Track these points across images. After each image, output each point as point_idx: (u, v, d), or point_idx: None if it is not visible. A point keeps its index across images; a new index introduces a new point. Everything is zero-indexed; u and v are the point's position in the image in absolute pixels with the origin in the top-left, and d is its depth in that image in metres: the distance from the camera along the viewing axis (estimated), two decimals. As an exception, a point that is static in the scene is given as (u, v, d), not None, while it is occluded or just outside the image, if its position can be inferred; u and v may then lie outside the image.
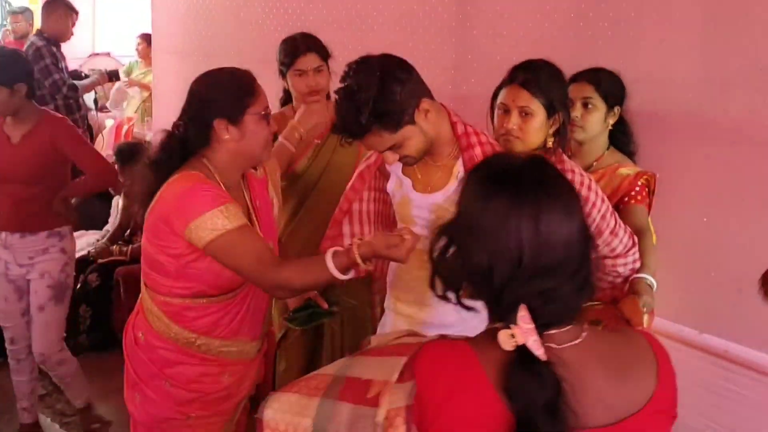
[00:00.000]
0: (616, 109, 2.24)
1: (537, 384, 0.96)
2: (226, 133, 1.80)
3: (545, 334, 1.00)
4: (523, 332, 0.97)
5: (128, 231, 4.15)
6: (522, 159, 1.10)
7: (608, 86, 2.22)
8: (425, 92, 1.80)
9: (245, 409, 2.16)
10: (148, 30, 5.33)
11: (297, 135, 2.36)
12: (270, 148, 1.93)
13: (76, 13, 4.85)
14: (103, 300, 3.81)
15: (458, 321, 1.91)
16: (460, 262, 1.07)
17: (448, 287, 1.12)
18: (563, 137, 1.97)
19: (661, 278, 2.04)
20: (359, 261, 1.67)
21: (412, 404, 0.98)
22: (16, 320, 2.98)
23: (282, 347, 2.76)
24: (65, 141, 2.87)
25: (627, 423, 1.02)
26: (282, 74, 2.60)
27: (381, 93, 1.68)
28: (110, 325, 3.71)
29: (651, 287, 2.01)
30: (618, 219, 1.98)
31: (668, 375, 1.08)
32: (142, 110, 6.23)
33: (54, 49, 4.66)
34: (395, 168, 1.94)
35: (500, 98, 1.98)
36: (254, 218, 1.95)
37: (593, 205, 1.89)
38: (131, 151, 3.86)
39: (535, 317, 0.98)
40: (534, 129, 1.93)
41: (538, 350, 0.97)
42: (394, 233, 1.70)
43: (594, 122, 2.21)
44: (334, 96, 1.80)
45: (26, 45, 4.84)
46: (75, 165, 2.98)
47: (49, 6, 4.75)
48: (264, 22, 3.84)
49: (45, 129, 2.82)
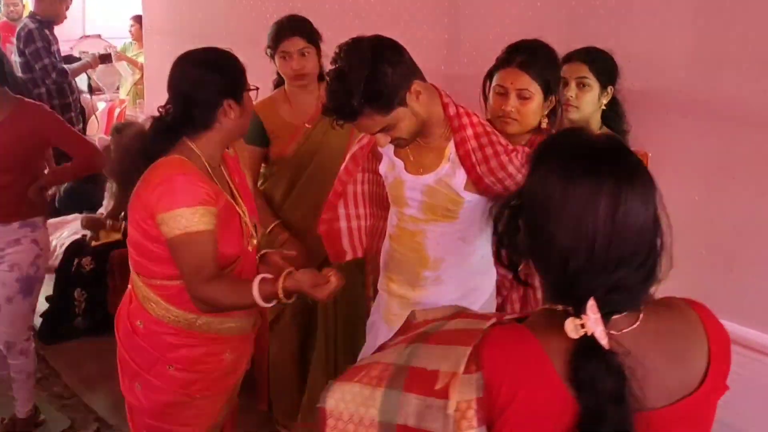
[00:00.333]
0: (610, 89, 2.24)
1: (605, 374, 0.95)
2: (233, 112, 1.84)
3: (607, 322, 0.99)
4: (593, 323, 0.96)
5: (122, 213, 4.13)
6: (601, 140, 1.07)
7: (602, 66, 2.22)
8: (416, 73, 1.79)
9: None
10: (140, 11, 5.28)
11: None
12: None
13: None
14: (98, 283, 3.80)
15: (450, 302, 1.93)
16: (530, 242, 1.06)
17: (510, 261, 1.11)
18: (557, 118, 1.97)
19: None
20: (281, 294, 1.73)
21: (482, 396, 0.97)
22: None
23: (275, 330, 2.77)
24: (50, 128, 2.81)
25: (683, 403, 1.03)
26: (271, 57, 2.59)
27: (372, 75, 1.68)
28: (105, 309, 3.70)
29: None
30: None
31: (720, 348, 1.07)
32: (134, 92, 6.20)
33: (47, 32, 4.62)
34: (387, 150, 1.94)
35: (497, 80, 1.96)
36: (236, 194, 1.97)
37: None
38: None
39: (600, 306, 0.98)
40: (532, 111, 1.93)
41: (604, 340, 0.96)
42: (322, 273, 1.76)
43: (588, 102, 2.21)
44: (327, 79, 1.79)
45: (18, 27, 4.79)
46: (63, 151, 2.91)
47: (43, -12, 4.69)
48: (255, 4, 3.82)
49: (23, 117, 2.71)
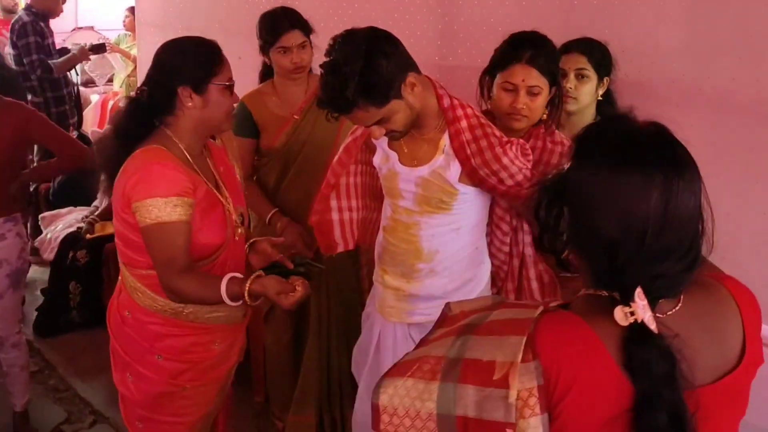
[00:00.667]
0: (606, 80, 2.24)
1: (658, 358, 0.97)
2: (190, 101, 1.83)
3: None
4: (642, 309, 0.98)
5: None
6: (648, 129, 1.07)
7: (600, 57, 2.22)
8: (411, 66, 1.79)
9: (230, 382, 2.18)
10: (134, 2, 5.24)
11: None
12: (231, 119, 1.97)
13: None
14: (93, 276, 3.81)
15: (444, 294, 1.94)
16: (575, 230, 1.06)
17: (553, 249, 1.12)
18: (557, 109, 1.96)
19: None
20: (246, 296, 1.74)
21: (543, 384, 0.98)
22: None
23: (269, 321, 2.77)
24: (33, 127, 2.81)
25: (727, 379, 1.05)
26: (263, 50, 2.56)
27: (367, 67, 1.67)
28: (100, 302, 3.69)
29: None
30: None
31: (753, 322, 1.09)
32: (127, 84, 6.16)
33: (42, 25, 4.58)
34: (381, 142, 1.93)
35: (505, 77, 1.91)
36: (220, 183, 1.97)
37: None
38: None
39: (646, 291, 0.99)
40: (540, 106, 1.92)
41: (653, 324, 0.98)
42: (289, 281, 1.76)
43: (586, 93, 2.21)
44: (320, 70, 1.78)
45: (13, 20, 4.76)
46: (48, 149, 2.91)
47: (39, -20, 4.63)
48: (248, -6, 3.79)
49: (5, 116, 2.72)
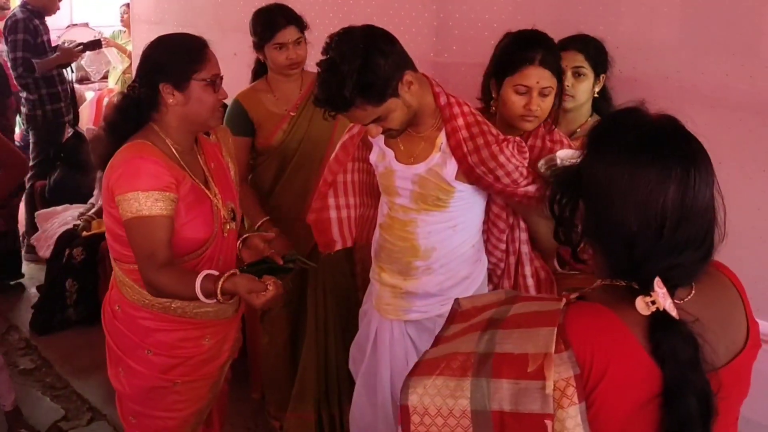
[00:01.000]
0: (602, 77, 2.24)
1: (682, 343, 0.99)
2: (171, 98, 1.84)
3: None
4: (662, 297, 1.00)
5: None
6: (663, 122, 1.09)
7: (596, 55, 2.22)
8: (408, 64, 1.78)
9: (225, 379, 2.19)
10: (128, -1, 5.23)
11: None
12: (218, 114, 1.95)
13: None
14: (89, 274, 3.80)
15: (441, 292, 1.96)
16: (592, 223, 1.08)
17: (568, 243, 1.13)
18: (556, 107, 1.95)
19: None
20: (219, 294, 1.73)
21: (579, 373, 0.99)
22: None
23: (265, 321, 2.77)
24: None
25: (737, 361, 1.08)
26: (257, 47, 2.56)
27: (365, 66, 1.66)
28: (97, 299, 3.69)
29: None
30: None
31: (750, 308, 1.13)
32: (122, 81, 6.14)
33: (37, 22, 4.55)
34: (378, 139, 1.93)
35: (519, 80, 1.86)
36: (210, 180, 1.97)
37: None
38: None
39: (664, 280, 1.01)
40: (550, 105, 1.91)
41: (673, 311, 1.00)
42: (262, 281, 1.74)
43: (583, 91, 2.21)
44: (316, 68, 1.77)
45: (8, 16, 4.74)
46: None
47: (35, -23, 4.60)
48: (243, -9, 3.79)
49: None
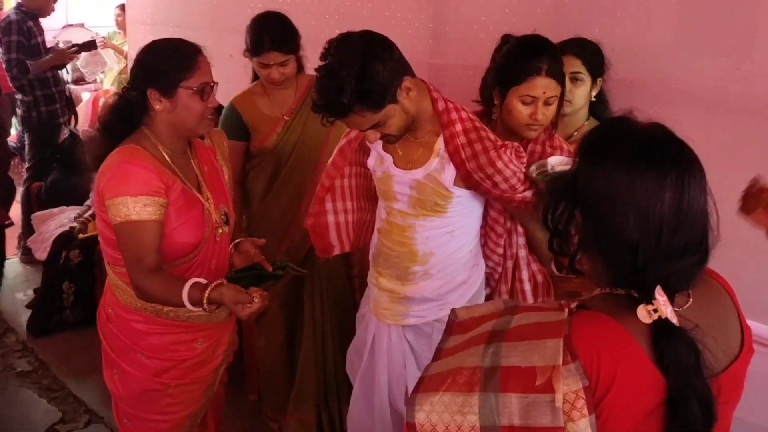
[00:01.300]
0: (599, 81, 2.24)
1: (684, 350, 1.00)
2: (158, 104, 1.84)
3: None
4: (663, 305, 1.01)
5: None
6: (654, 130, 1.09)
7: (594, 59, 2.22)
8: (407, 70, 1.78)
9: (221, 381, 2.20)
10: (124, 0, 5.22)
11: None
12: (207, 122, 1.92)
13: None
14: (86, 276, 3.80)
15: (439, 297, 1.97)
16: (591, 233, 1.08)
17: (563, 253, 1.13)
18: (556, 113, 1.95)
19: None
20: (205, 303, 1.73)
21: (588, 385, 0.99)
22: None
23: (262, 323, 2.77)
24: None
25: (733, 367, 1.09)
26: (249, 57, 2.56)
27: (363, 72, 1.67)
28: (93, 301, 3.69)
29: None
30: None
31: (742, 315, 1.14)
32: (119, 81, 6.14)
33: (30, 24, 4.54)
34: (376, 144, 1.94)
35: (526, 90, 1.87)
36: (202, 184, 1.97)
37: None
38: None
39: (663, 288, 1.02)
40: (553, 113, 1.92)
41: (674, 319, 1.01)
42: (248, 292, 1.74)
43: (581, 95, 2.21)
44: (312, 71, 1.77)
45: (2, 18, 4.73)
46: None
47: (29, -21, 4.59)
48: (240, -8, 3.78)
49: None
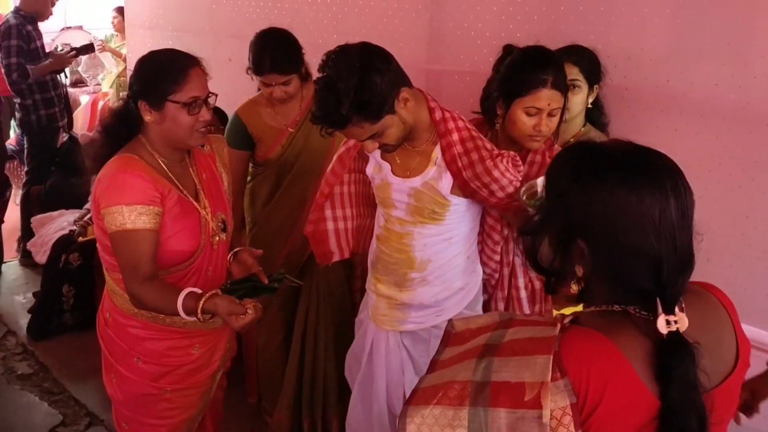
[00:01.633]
0: (596, 88, 2.26)
1: (692, 365, 1.00)
2: (149, 115, 1.85)
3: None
4: (681, 318, 1.02)
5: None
6: (626, 145, 1.11)
7: (591, 66, 2.24)
8: (404, 81, 1.81)
9: (220, 386, 2.21)
10: (122, 2, 5.23)
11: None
12: (198, 135, 1.88)
13: None
14: (86, 279, 3.81)
15: (436, 303, 2.00)
16: (604, 259, 1.06)
17: (561, 284, 1.14)
18: (558, 123, 1.97)
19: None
20: (199, 313, 1.74)
21: (576, 402, 1.00)
22: None
23: (261, 323, 2.75)
24: None
25: (727, 383, 1.09)
26: (250, 74, 2.55)
27: (361, 84, 1.69)
28: (93, 304, 3.70)
29: None
30: None
31: (740, 328, 1.13)
32: (117, 85, 6.15)
33: (29, 28, 4.55)
34: (374, 153, 1.96)
35: (531, 102, 1.89)
36: (200, 192, 1.98)
37: None
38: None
39: (662, 300, 1.03)
40: (557, 124, 1.93)
41: (684, 327, 1.02)
42: (242, 304, 1.75)
43: (578, 103, 2.22)
44: (314, 86, 1.79)
45: (2, 22, 4.74)
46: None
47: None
48: (238, -3, 3.80)
49: None
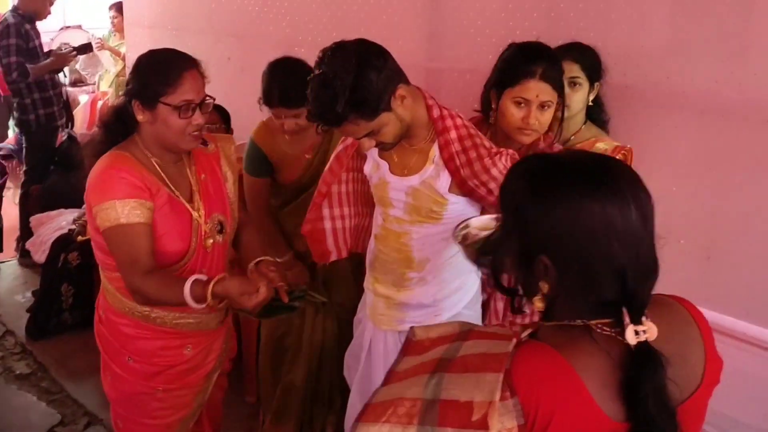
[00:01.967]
0: (596, 85, 2.25)
1: (663, 377, 0.97)
2: (141, 115, 1.84)
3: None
4: (650, 327, 1.00)
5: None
6: (577, 154, 1.10)
7: (592, 64, 2.22)
8: (401, 78, 1.79)
9: (221, 387, 2.21)
10: (119, 0, 5.23)
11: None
12: (190, 138, 1.85)
13: None
14: (85, 278, 3.80)
15: (434, 302, 1.99)
16: (574, 272, 1.04)
17: (528, 302, 1.12)
18: (558, 121, 1.96)
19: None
20: (209, 298, 1.71)
21: (524, 423, 0.98)
22: None
23: (263, 321, 2.75)
24: None
25: (692, 399, 1.05)
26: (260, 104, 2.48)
27: (358, 81, 1.67)
28: (92, 304, 3.67)
29: None
30: None
31: (712, 345, 1.10)
32: (116, 84, 6.14)
33: (28, 27, 4.54)
34: (372, 151, 1.95)
35: (519, 92, 1.90)
36: (195, 193, 1.95)
37: None
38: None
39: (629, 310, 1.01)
40: (549, 119, 1.92)
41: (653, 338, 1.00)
42: (253, 282, 1.73)
43: (578, 100, 2.21)
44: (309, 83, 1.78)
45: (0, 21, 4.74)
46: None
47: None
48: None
49: None
